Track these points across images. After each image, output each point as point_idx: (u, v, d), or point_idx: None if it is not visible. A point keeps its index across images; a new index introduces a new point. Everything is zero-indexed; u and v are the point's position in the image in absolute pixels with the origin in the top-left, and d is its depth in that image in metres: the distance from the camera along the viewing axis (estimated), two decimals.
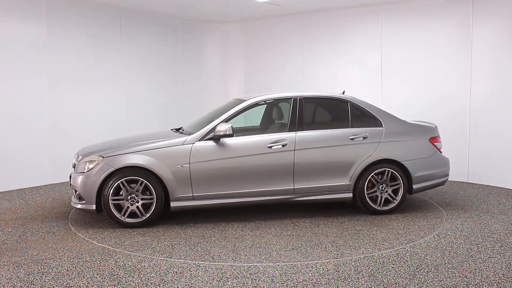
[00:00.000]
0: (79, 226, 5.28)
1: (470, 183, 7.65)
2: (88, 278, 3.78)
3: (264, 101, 5.81)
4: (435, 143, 5.87)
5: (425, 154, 5.76)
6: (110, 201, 5.05)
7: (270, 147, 5.39)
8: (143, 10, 8.88)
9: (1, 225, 5.35)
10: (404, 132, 5.77)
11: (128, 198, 5.11)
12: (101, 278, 3.77)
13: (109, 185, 5.05)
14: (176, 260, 4.19)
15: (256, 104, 5.68)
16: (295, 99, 5.67)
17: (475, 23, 7.43)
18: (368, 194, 5.58)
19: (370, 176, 5.56)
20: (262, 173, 5.37)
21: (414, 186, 5.71)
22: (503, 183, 7.30)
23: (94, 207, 5.08)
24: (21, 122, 7.34)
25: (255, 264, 4.08)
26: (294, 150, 5.42)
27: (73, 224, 5.36)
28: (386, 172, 5.61)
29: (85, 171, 5.15)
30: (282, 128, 5.73)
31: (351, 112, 5.73)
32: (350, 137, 5.58)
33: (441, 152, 5.94)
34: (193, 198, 5.27)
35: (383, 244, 4.58)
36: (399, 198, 5.65)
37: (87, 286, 3.63)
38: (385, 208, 5.64)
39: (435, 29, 7.85)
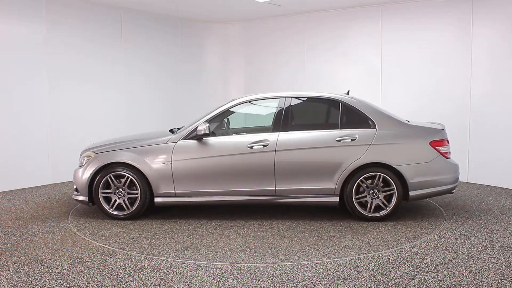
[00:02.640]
0: (79, 226, 5.28)
1: (470, 183, 7.64)
2: (88, 278, 3.78)
3: (249, 102, 5.72)
4: (437, 147, 5.37)
5: (424, 158, 5.32)
6: (99, 194, 5.46)
7: (251, 147, 5.36)
8: (143, 10, 8.88)
9: (1, 225, 5.36)
10: (400, 135, 5.37)
11: (116, 192, 5.46)
12: (101, 278, 3.77)
13: (99, 179, 5.44)
14: (177, 260, 4.20)
15: (240, 105, 5.65)
16: (282, 99, 5.60)
17: (475, 22, 7.43)
18: (357, 199, 5.29)
19: (358, 180, 5.26)
20: (242, 173, 5.35)
21: (411, 193, 5.29)
22: (503, 183, 7.29)
23: (86, 198, 5.51)
24: (21, 122, 7.34)
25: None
26: (275, 151, 5.33)
27: (73, 224, 5.37)
28: (377, 176, 5.27)
29: (82, 165, 5.60)
30: (270, 129, 5.59)
31: (341, 112, 5.48)
32: (337, 139, 5.32)
33: (447, 157, 5.45)
34: (175, 195, 5.43)
35: (338, 253, 4.37)
36: (392, 205, 5.28)
37: (87, 286, 3.63)
38: (376, 215, 5.30)
39: (435, 28, 7.84)
